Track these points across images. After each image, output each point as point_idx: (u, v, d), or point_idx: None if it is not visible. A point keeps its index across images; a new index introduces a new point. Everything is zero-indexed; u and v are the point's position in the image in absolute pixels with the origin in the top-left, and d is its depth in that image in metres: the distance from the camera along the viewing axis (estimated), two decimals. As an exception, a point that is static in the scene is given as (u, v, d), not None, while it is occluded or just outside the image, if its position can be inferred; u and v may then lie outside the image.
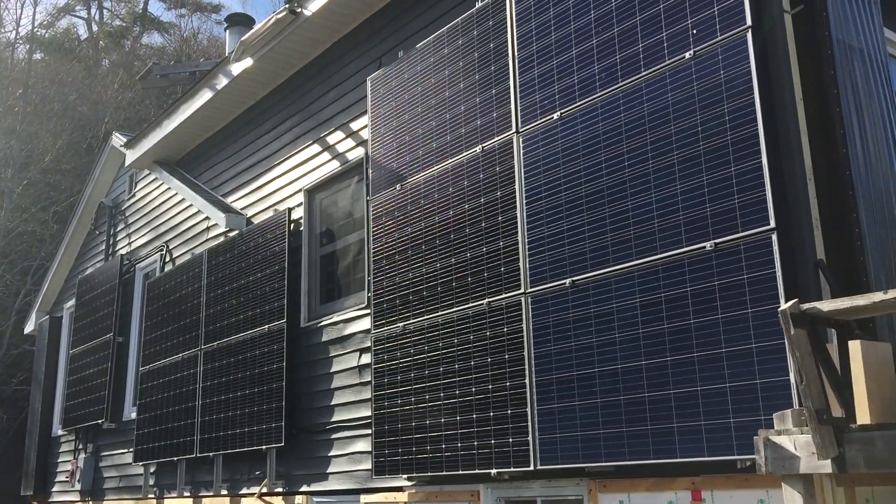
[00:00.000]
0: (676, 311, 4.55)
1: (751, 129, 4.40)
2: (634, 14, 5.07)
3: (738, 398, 4.20)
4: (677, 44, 4.82)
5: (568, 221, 5.21)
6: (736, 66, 4.52)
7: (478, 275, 5.75)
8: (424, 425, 5.92)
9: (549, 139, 5.45)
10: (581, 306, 5.03)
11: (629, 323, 4.76)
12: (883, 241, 4.52)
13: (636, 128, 4.94)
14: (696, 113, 4.66)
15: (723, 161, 4.49)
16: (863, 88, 4.80)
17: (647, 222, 4.77)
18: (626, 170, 4.95)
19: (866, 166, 4.61)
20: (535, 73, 5.63)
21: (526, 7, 5.79)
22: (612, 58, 5.16)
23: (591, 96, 5.22)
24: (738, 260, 4.35)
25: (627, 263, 4.83)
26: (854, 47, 4.83)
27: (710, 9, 4.69)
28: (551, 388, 5.09)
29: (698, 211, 4.55)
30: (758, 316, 4.20)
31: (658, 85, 4.88)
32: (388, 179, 6.73)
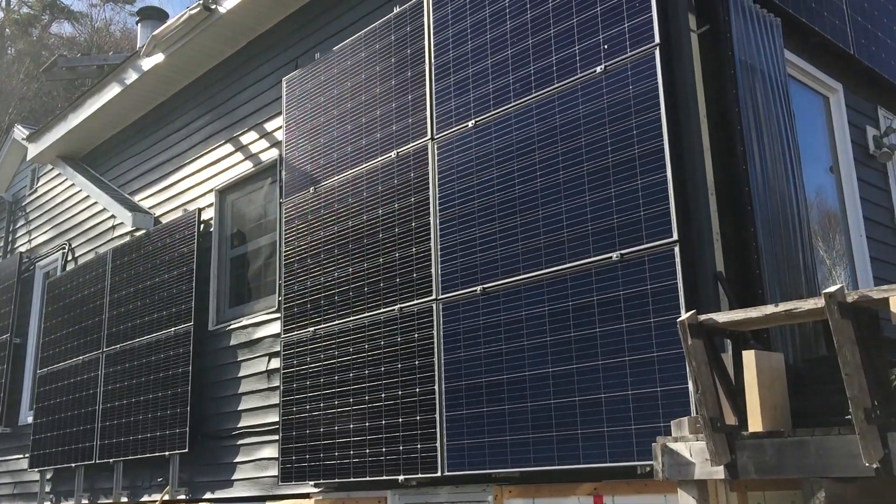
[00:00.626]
0: (583, 319, 4.64)
1: (656, 144, 4.52)
2: (549, 27, 5.16)
3: (640, 405, 4.31)
4: (589, 58, 4.93)
5: (480, 229, 5.25)
6: (644, 82, 4.65)
7: (390, 280, 5.74)
8: (333, 431, 5.87)
9: (463, 147, 5.49)
10: (491, 313, 5.08)
11: (538, 331, 4.83)
12: (777, 254, 4.72)
13: (548, 138, 5.02)
14: (605, 126, 4.77)
15: (630, 174, 4.61)
16: (763, 107, 5.00)
17: (556, 232, 4.86)
18: (537, 179, 5.02)
19: (764, 183, 4.80)
20: (451, 80, 5.67)
21: (443, 15, 5.82)
22: (526, 69, 5.23)
23: (506, 106, 5.29)
24: (643, 270, 4.46)
25: (537, 272, 4.90)
26: (756, 68, 5.03)
27: (620, 25, 4.81)
28: (460, 395, 5.12)
29: (606, 222, 4.65)
30: (660, 325, 4.32)
31: (570, 97, 4.98)
32: (302, 182, 6.66)
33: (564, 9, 5.09)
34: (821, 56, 6.07)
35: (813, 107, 6.14)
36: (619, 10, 4.83)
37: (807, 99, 6.03)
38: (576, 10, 5.04)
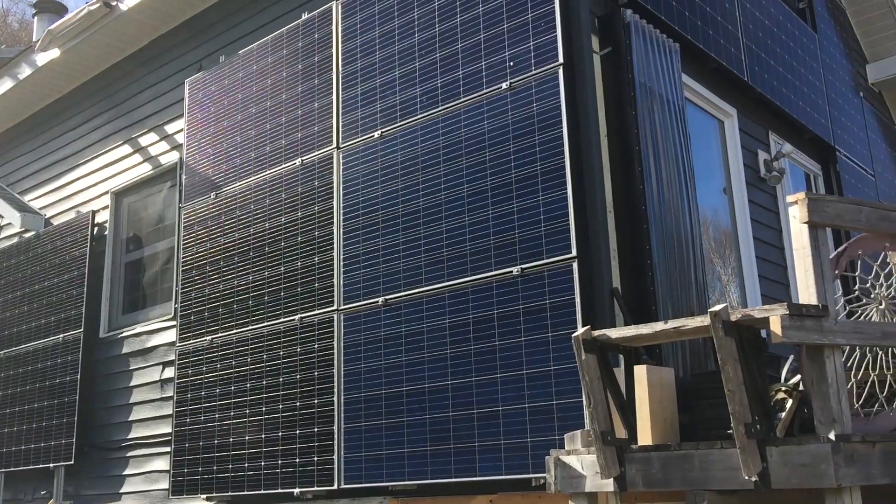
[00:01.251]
0: (483, 332, 4.68)
1: (558, 161, 4.61)
2: (457, 41, 5.20)
3: (536, 418, 4.36)
4: (495, 74, 4.99)
5: (384, 240, 5.23)
6: (547, 100, 4.73)
7: (291, 290, 5.65)
8: (228, 443, 5.72)
9: (369, 157, 5.46)
10: (393, 325, 5.06)
11: (438, 343, 4.84)
12: (671, 272, 4.87)
13: (453, 152, 5.05)
14: (509, 142, 4.83)
15: (532, 190, 4.68)
16: (660, 129, 5.16)
17: (459, 245, 4.88)
18: (441, 192, 5.04)
19: (660, 202, 4.95)
20: (358, 90, 5.64)
21: (352, 24, 5.79)
22: (433, 82, 5.26)
23: (412, 118, 5.29)
24: (542, 285, 4.53)
25: (439, 284, 4.91)
26: (654, 90, 5.19)
27: (526, 43, 4.89)
28: (359, 407, 5.07)
29: (508, 236, 4.71)
30: (557, 340, 4.40)
31: (476, 112, 5.02)
32: (202, 187, 6.49)
33: (472, 24, 5.14)
34: (716, 81, 6.31)
35: (708, 130, 6.38)
36: (525, 29, 4.91)
37: (702, 122, 6.26)
38: (483, 26, 5.09)
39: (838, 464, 2.97)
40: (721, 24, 6.22)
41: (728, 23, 6.34)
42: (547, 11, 4.83)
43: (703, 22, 5.98)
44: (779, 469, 3.09)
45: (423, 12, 5.40)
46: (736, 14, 6.49)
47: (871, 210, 3.57)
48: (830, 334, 3.23)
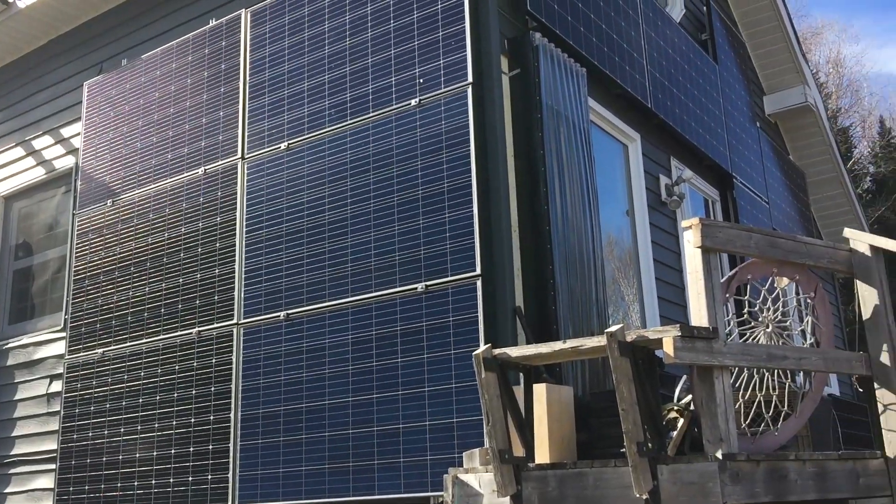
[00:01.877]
0: (386, 349, 4.64)
1: (465, 180, 4.63)
2: (367, 56, 5.18)
3: (437, 436, 4.34)
4: (405, 90, 4.98)
5: (288, 253, 5.14)
6: (456, 118, 4.75)
7: (189, 302, 5.48)
8: (117, 461, 5.49)
9: (274, 169, 5.37)
10: (294, 340, 4.97)
11: (340, 359, 4.77)
12: (573, 292, 4.94)
13: (361, 166, 5.01)
14: (417, 158, 4.83)
15: (438, 207, 4.68)
16: (566, 151, 5.25)
17: (364, 260, 4.84)
18: (348, 207, 4.99)
19: (564, 223, 5.02)
20: (266, 100, 5.54)
21: (261, 33, 5.70)
22: (342, 95, 5.21)
23: (320, 130, 5.23)
24: (446, 303, 4.53)
25: (343, 299, 4.85)
26: (561, 113, 5.28)
27: (436, 61, 4.91)
28: (257, 424, 4.95)
29: (413, 253, 4.69)
30: (459, 357, 4.39)
31: (384, 127, 5.00)
32: (99, 194, 6.25)
33: (383, 40, 5.13)
34: (621, 107, 6.48)
35: (613, 153, 6.54)
36: (435, 47, 4.92)
37: (607, 146, 6.41)
38: (394, 41, 5.09)
39: (724, 482, 3.05)
40: (627, 51, 6.40)
41: (633, 51, 6.52)
42: (458, 31, 4.86)
43: (610, 49, 6.13)
44: (668, 487, 3.16)
45: (334, 25, 5.36)
46: (641, 43, 6.69)
47: (760, 237, 3.71)
48: (720, 355, 3.33)
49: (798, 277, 3.88)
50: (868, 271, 3.90)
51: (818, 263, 3.92)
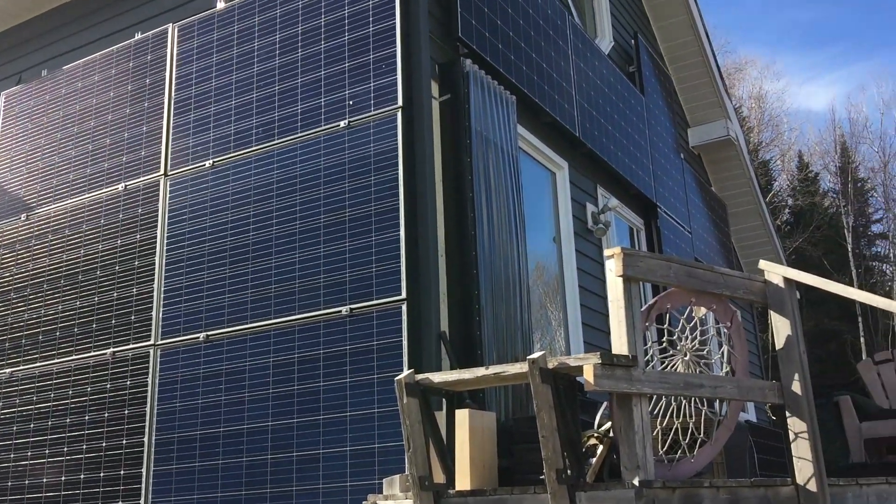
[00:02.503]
0: (308, 372, 4.56)
1: (392, 203, 4.61)
2: (297, 76, 5.13)
3: (357, 462, 4.28)
4: (335, 111, 4.95)
5: (209, 273, 5.03)
6: (385, 141, 4.74)
7: (105, 322, 5.30)
8: (23, 486, 5.25)
9: (198, 187, 5.26)
10: (213, 362, 4.85)
11: (261, 382, 4.67)
12: (498, 317, 4.96)
13: (288, 187, 4.95)
14: (345, 180, 4.80)
15: (365, 229, 4.65)
16: (494, 177, 5.29)
17: (289, 282, 4.76)
18: (273, 227, 4.92)
19: (491, 248, 5.05)
20: (191, 116, 5.44)
21: (188, 49, 5.60)
22: (271, 114, 5.15)
23: (247, 149, 5.16)
24: (370, 326, 4.49)
25: (265, 321, 4.76)
26: (490, 139, 5.32)
27: (366, 83, 4.89)
28: (172, 448, 4.80)
29: (338, 275, 4.64)
30: (382, 382, 4.35)
31: (313, 148, 4.96)
32: (13, 207, 6.02)
33: (314, 60, 5.10)
34: (550, 135, 6.57)
35: (541, 180, 6.61)
36: (366, 69, 4.91)
37: (536, 173, 6.48)
38: (325, 63, 5.06)
39: (640, 509, 3.07)
40: (556, 81, 6.50)
41: (563, 80, 6.63)
42: (388, 54, 4.86)
43: (540, 78, 6.22)
44: (586, 514, 3.17)
45: (265, 43, 5.31)
46: (570, 73, 6.81)
47: (679, 267, 3.78)
48: (638, 383, 3.37)
49: (715, 307, 3.97)
50: (781, 302, 4.02)
51: (734, 294, 4.01)
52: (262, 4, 5.39)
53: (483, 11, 5.53)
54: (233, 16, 5.49)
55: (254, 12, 5.40)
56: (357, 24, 5.00)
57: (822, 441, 3.82)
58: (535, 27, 6.28)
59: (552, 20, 6.63)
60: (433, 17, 5.15)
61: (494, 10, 5.69)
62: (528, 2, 6.23)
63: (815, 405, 3.91)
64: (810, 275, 4.08)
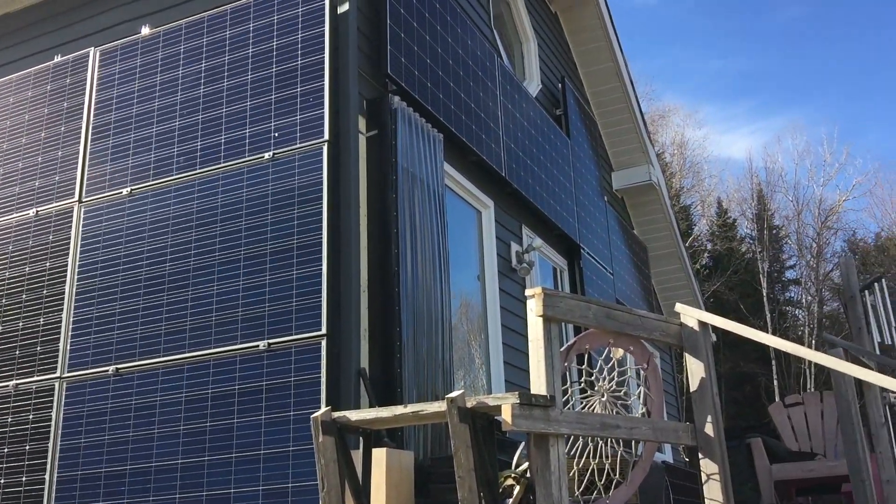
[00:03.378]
0: (222, 408, 4.43)
1: (316, 237, 4.56)
2: (222, 105, 5.06)
3: (271, 501, 4.16)
4: (260, 143, 4.89)
5: (122, 304, 4.86)
6: (310, 175, 4.70)
7: (8, 353, 5.06)
8: (-90, 528, 4.93)
9: (114, 214, 5.10)
10: (123, 397, 4.67)
11: (172, 418, 4.51)
12: (419, 355, 4.92)
13: (208, 217, 4.85)
14: (268, 212, 4.72)
15: (287, 263, 4.58)
16: (420, 214, 5.29)
17: (205, 314, 4.64)
18: (192, 258, 4.80)
19: (414, 285, 5.02)
20: (109, 142, 5.30)
21: (110, 73, 5.47)
22: (193, 143, 5.06)
23: (167, 178, 5.04)
24: (289, 362, 4.40)
25: (179, 355, 4.62)
26: (416, 176, 5.33)
27: (293, 116, 4.86)
28: (74, 486, 4.58)
29: (258, 309, 4.55)
30: (298, 419, 4.26)
31: (236, 179, 4.88)
32: (-85, 230, 5.73)
33: (240, 91, 5.04)
34: (477, 174, 6.63)
35: (466, 218, 6.65)
36: (293, 102, 4.88)
37: (461, 211, 6.51)
38: (251, 93, 5.00)
39: (554, 552, 3.05)
40: (484, 120, 6.58)
41: (490, 120, 6.71)
42: (316, 88, 4.84)
43: (468, 117, 6.28)
44: (501, 557, 3.13)
45: (190, 72, 5.23)
46: (498, 113, 6.90)
47: (598, 308, 3.83)
48: (556, 424, 3.37)
49: (632, 349, 4.02)
50: (696, 345, 4.10)
51: (651, 336, 4.08)
52: (189, 32, 5.32)
53: (413, 49, 5.57)
54: (158, 42, 5.39)
55: (180, 40, 5.32)
56: (286, 56, 4.97)
57: (734, 482, 3.88)
58: (464, 67, 6.36)
59: (481, 61, 6.73)
60: (363, 53, 5.16)
61: (424, 49, 5.74)
62: (457, 42, 6.31)
63: (729, 447, 3.99)
64: (724, 319, 4.17)
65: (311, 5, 4.99)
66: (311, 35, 4.93)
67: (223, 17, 5.23)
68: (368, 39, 5.26)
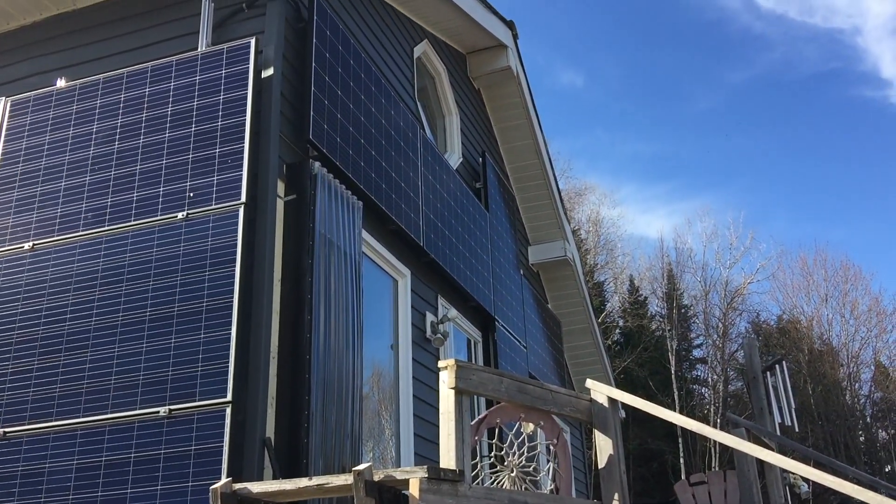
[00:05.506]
0: (116, 477, 4.21)
1: (226, 300, 4.45)
2: (136, 162, 4.95)
3: (162, 580, 3.93)
4: (173, 202, 4.79)
5: (15, 364, 4.61)
6: (224, 236, 4.61)
7: None
8: None
9: (13, 270, 4.88)
10: (9, 462, 4.39)
11: (60, 486, 4.26)
12: (328, 424, 4.80)
13: (114, 276, 4.69)
14: (178, 273, 4.60)
15: (194, 326, 4.44)
16: (336, 280, 5.22)
17: (105, 377, 4.44)
18: (93, 318, 4.61)
19: (326, 352, 4.93)
20: (14, 195, 5.10)
21: (20, 124, 5.30)
22: (103, 199, 4.91)
23: (73, 234, 4.87)
24: (190, 429, 4.22)
25: (73, 420, 4.38)
26: (334, 242, 5.29)
27: (210, 177, 4.78)
28: (-54, 561, 4.24)
29: (161, 373, 4.37)
30: (197, 490, 4.07)
31: (146, 237, 4.74)
32: None
33: (156, 148, 4.95)
34: (395, 242, 6.63)
35: (382, 287, 6.61)
36: (211, 162, 4.81)
37: (378, 279, 6.48)
38: (168, 151, 4.92)
39: None
40: (404, 190, 6.62)
41: (410, 190, 6.76)
42: (236, 150, 4.79)
43: (388, 186, 6.31)
44: None
45: (105, 126, 5.11)
46: (419, 183, 6.96)
47: (510, 382, 3.83)
48: (464, 499, 3.32)
49: (543, 423, 4.02)
50: (605, 421, 4.13)
51: (562, 411, 4.09)
52: (107, 87, 5.22)
53: (336, 116, 5.59)
54: (73, 95, 5.27)
55: (96, 94, 5.21)
56: (206, 116, 4.92)
57: (639, 562, 3.88)
58: (386, 137, 6.41)
59: (404, 132, 6.80)
60: (285, 117, 5.15)
61: (347, 117, 5.77)
62: (381, 112, 6.38)
63: (634, 525, 3.99)
64: (632, 396, 4.23)
65: (236, 68, 4.97)
66: (233, 97, 4.91)
67: (143, 73, 5.16)
68: (292, 104, 5.26)
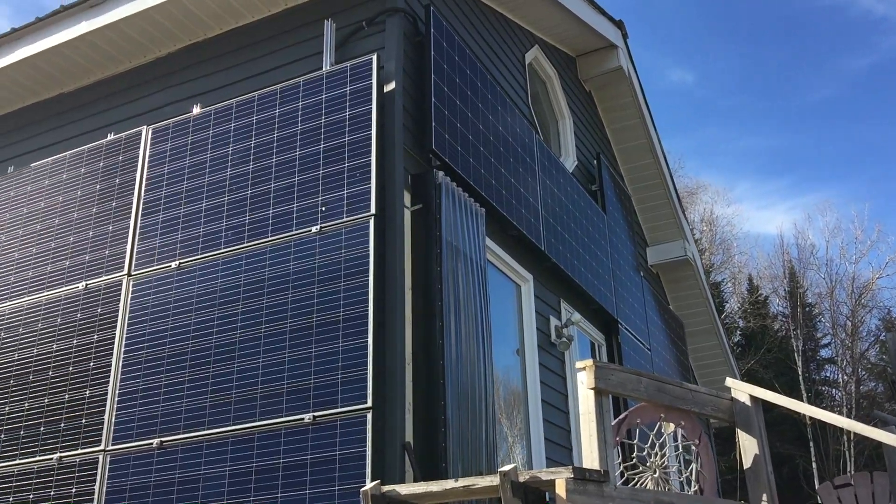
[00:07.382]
0: (266, 482, 4.39)
1: (362, 309, 4.58)
2: (270, 181, 5.17)
3: (315, 580, 4.07)
4: (307, 217, 4.97)
5: (168, 376, 4.88)
6: (356, 248, 4.75)
7: (54, 425, 5.08)
8: None
9: (162, 287, 5.17)
10: (167, 470, 4.64)
11: (215, 493, 4.47)
12: (463, 429, 4.86)
13: (255, 290, 4.90)
14: (314, 285, 4.76)
15: (332, 335, 4.59)
16: (463, 287, 5.30)
17: (251, 387, 4.64)
18: (238, 331, 4.83)
19: (457, 358, 5.00)
20: (160, 217, 5.41)
21: (161, 150, 5.63)
22: (241, 217, 5.15)
23: (215, 251, 5.12)
24: (334, 435, 4.36)
25: (224, 428, 4.60)
26: (460, 250, 5.37)
27: (340, 191, 4.94)
28: (116, 563, 4.53)
29: (303, 381, 4.54)
30: (344, 493, 4.20)
31: (283, 252, 4.94)
32: (-34, 303, 5.84)
33: (288, 166, 5.15)
34: (516, 248, 6.66)
35: (506, 292, 6.65)
36: (340, 177, 4.97)
37: (501, 284, 6.52)
38: (299, 169, 5.11)
39: None
40: (524, 196, 6.64)
41: (530, 195, 6.78)
42: (363, 164, 4.94)
43: (508, 192, 6.35)
44: None
45: (239, 148, 5.36)
46: (537, 188, 6.97)
47: (649, 381, 3.78)
48: (610, 500, 3.30)
49: (683, 423, 3.95)
50: (748, 420, 4.02)
51: (702, 411, 4.01)
52: (240, 111, 5.48)
53: (455, 126, 5.68)
54: (208, 121, 5.56)
55: (230, 118, 5.48)
56: (334, 133, 5.10)
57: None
58: (504, 143, 6.46)
59: (520, 137, 6.84)
60: (407, 129, 5.28)
61: (466, 125, 5.85)
62: (498, 119, 6.44)
63: (785, 527, 3.87)
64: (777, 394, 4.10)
65: (359, 84, 5.13)
66: (358, 112, 5.06)
67: (273, 96, 5.39)
68: (413, 116, 5.38)
